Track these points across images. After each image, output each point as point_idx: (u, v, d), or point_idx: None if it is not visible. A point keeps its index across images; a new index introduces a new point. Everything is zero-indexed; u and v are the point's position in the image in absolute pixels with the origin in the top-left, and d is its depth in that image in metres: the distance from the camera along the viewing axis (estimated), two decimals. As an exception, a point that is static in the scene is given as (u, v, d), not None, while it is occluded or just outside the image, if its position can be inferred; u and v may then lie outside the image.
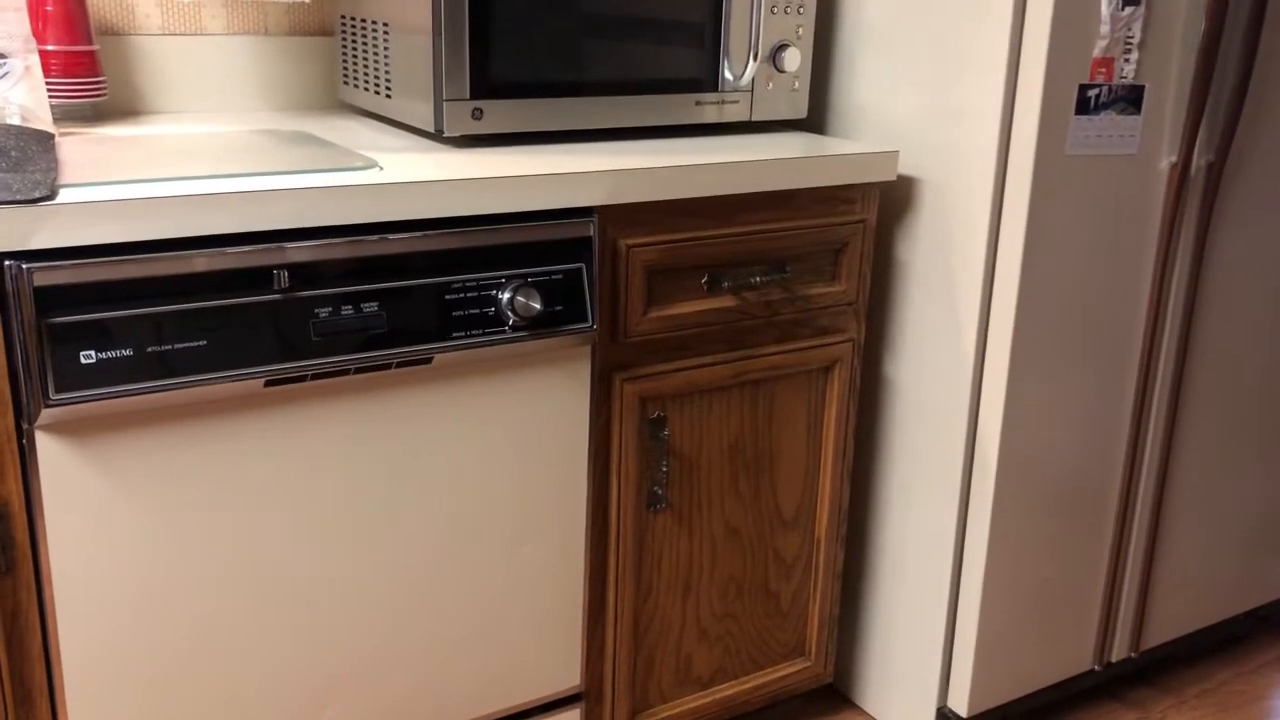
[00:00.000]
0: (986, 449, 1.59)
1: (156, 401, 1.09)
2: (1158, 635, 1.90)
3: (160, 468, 1.13)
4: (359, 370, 1.19)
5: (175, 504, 1.14)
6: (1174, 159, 1.60)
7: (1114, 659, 1.86)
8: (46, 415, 1.04)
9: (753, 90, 1.59)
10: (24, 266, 1.01)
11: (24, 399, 1.04)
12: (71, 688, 1.13)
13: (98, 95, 1.49)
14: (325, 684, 1.28)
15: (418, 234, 1.21)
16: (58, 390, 1.03)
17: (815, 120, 1.74)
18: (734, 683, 1.65)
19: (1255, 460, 1.92)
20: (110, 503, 1.11)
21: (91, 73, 1.48)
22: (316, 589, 1.25)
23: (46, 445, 1.06)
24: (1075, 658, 1.81)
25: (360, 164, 1.23)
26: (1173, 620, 1.91)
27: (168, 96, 1.62)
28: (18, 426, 1.06)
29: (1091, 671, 1.85)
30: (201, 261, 1.09)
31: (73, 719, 1.14)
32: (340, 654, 1.29)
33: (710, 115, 1.56)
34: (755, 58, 1.52)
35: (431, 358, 1.23)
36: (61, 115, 1.47)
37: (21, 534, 1.09)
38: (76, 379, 1.04)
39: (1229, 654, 2.06)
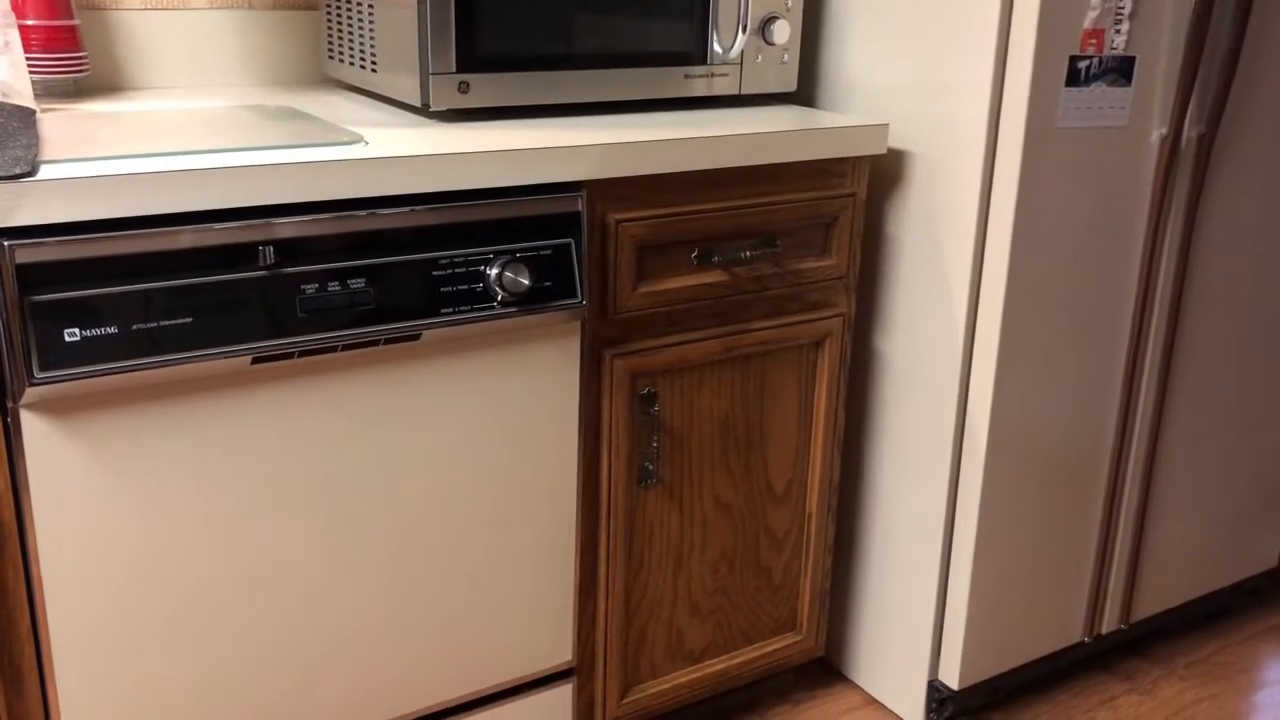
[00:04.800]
0: (977, 423, 1.59)
1: (142, 379, 1.08)
2: (1147, 607, 1.91)
3: (147, 446, 1.12)
4: (347, 347, 1.19)
5: (162, 482, 1.14)
6: (1165, 131, 1.60)
7: (1104, 631, 1.87)
8: (31, 394, 1.03)
9: (741, 63, 1.57)
10: (6, 244, 1.00)
11: (8, 378, 1.03)
12: (60, 667, 1.13)
13: (79, 71, 1.47)
14: (315, 662, 1.28)
15: (404, 209, 1.20)
16: (42, 369, 1.03)
17: (805, 93, 1.73)
18: (725, 657, 1.66)
19: (1244, 433, 1.93)
20: (97, 481, 1.10)
21: (73, 48, 1.46)
22: (305, 566, 1.25)
23: (31, 424, 1.06)
24: (1066, 630, 1.82)
25: (346, 139, 1.22)
26: (1162, 592, 1.92)
27: (150, 72, 1.60)
28: (2, 405, 1.05)
29: (1082, 643, 1.86)
30: (186, 238, 1.08)
31: (62, 698, 1.14)
32: (330, 631, 1.28)
33: (699, 88, 1.55)
34: (744, 30, 1.51)
35: (420, 334, 1.23)
36: (43, 91, 1.46)
37: (8, 513, 1.08)
38: (61, 357, 1.03)
39: (1217, 626, 2.08)
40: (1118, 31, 1.49)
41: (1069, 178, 1.53)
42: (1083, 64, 1.48)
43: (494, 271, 1.26)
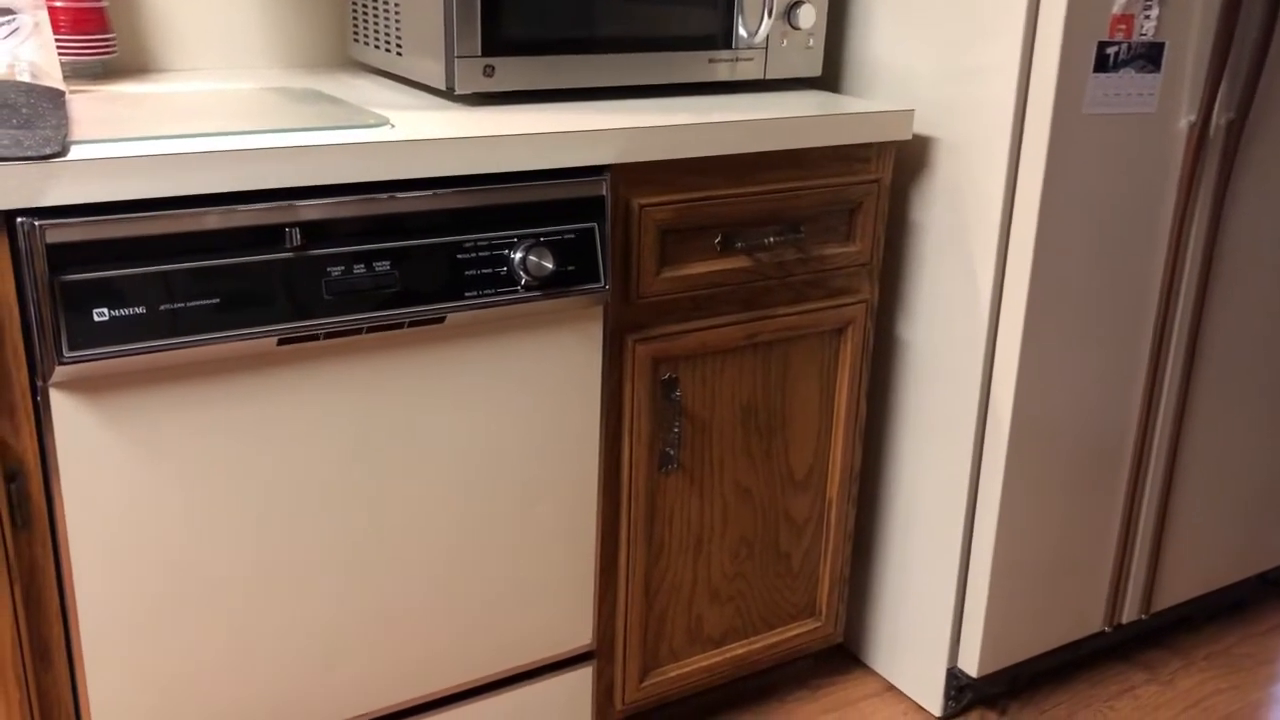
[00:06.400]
0: (1000, 411, 1.59)
1: (169, 360, 1.09)
2: (1168, 598, 1.90)
3: (174, 425, 1.13)
4: (371, 330, 1.19)
5: (189, 462, 1.15)
6: (1193, 118, 1.58)
7: (1124, 621, 1.86)
8: (60, 373, 1.04)
9: (767, 48, 1.57)
10: (36, 224, 1.01)
11: (38, 356, 1.04)
12: (88, 644, 1.14)
13: (107, 52, 1.48)
14: (337, 641, 1.29)
15: (429, 192, 1.20)
16: (71, 348, 1.03)
17: (830, 78, 1.73)
18: (744, 642, 1.66)
19: (1268, 424, 1.92)
20: (125, 460, 1.11)
21: (101, 29, 1.47)
22: (328, 547, 1.26)
23: (61, 403, 1.07)
24: (1086, 619, 1.81)
25: (372, 121, 1.22)
26: (1183, 583, 1.92)
27: (177, 54, 1.61)
28: (32, 384, 1.06)
29: (1102, 633, 1.85)
30: (213, 219, 1.09)
31: (90, 675, 1.15)
32: (351, 612, 1.29)
33: (724, 73, 1.55)
34: (770, 14, 1.51)
35: (444, 317, 1.23)
36: (71, 73, 1.46)
37: (37, 491, 1.09)
38: (90, 337, 1.04)
39: (1238, 617, 2.07)
40: (1147, 17, 1.48)
41: (1096, 165, 1.52)
42: (1111, 50, 1.47)
43: (518, 255, 1.26)
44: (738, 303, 1.49)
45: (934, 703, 1.76)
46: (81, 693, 1.16)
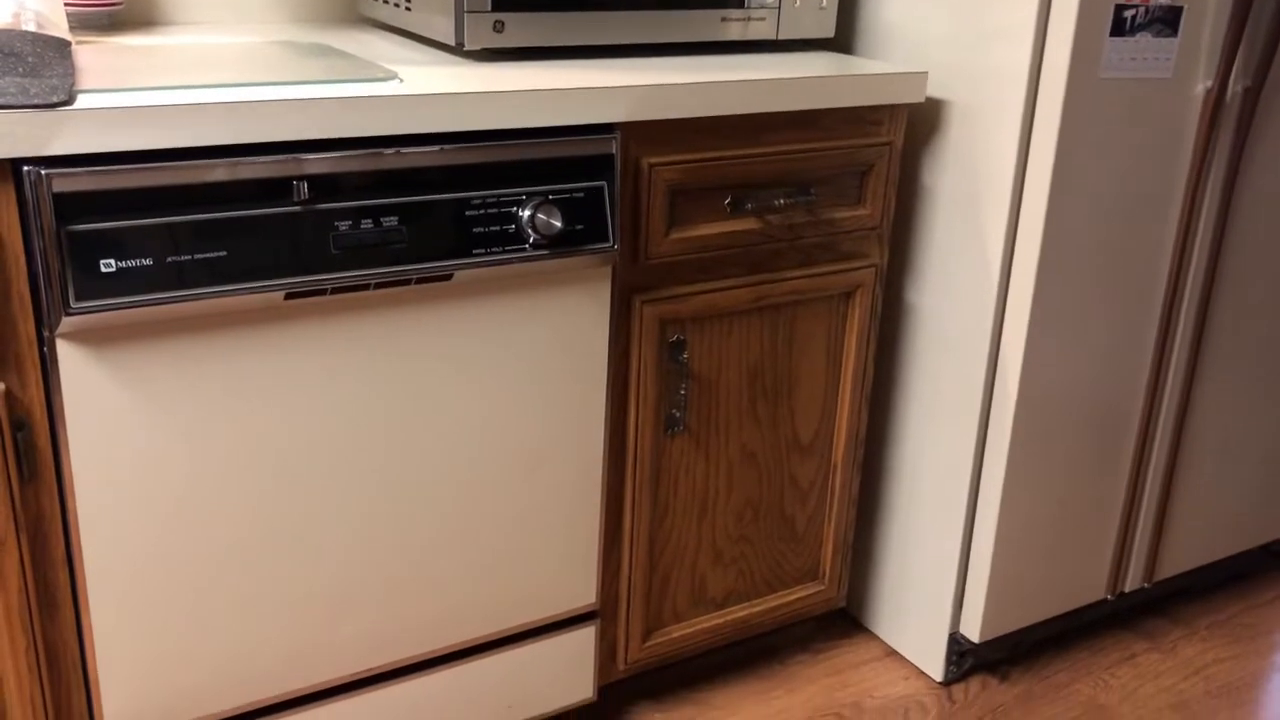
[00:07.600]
0: (1007, 378, 1.58)
1: (177, 312, 1.09)
2: (1171, 567, 1.91)
3: (181, 378, 1.13)
4: (379, 285, 1.19)
5: (195, 414, 1.15)
6: (1210, 84, 1.56)
7: (1127, 589, 1.87)
8: (67, 324, 1.04)
9: (779, 7, 1.55)
10: (43, 172, 1.00)
11: (45, 307, 1.04)
12: (95, 594, 1.15)
13: (114, 4, 1.47)
14: (343, 597, 1.30)
15: (437, 148, 1.19)
16: (78, 298, 1.03)
17: (843, 40, 1.71)
18: (747, 605, 1.67)
19: (1276, 396, 1.91)
20: (131, 412, 1.11)
21: (107, -20, 1.45)
22: (334, 503, 1.26)
23: (67, 353, 1.06)
24: (1089, 587, 1.82)
25: (380, 75, 1.21)
26: (1187, 552, 1.92)
27: (184, 7, 1.59)
28: (39, 334, 1.06)
29: (1104, 601, 1.85)
30: (220, 171, 1.08)
31: (96, 625, 1.16)
32: (357, 567, 1.30)
33: (735, 32, 1.53)
34: (783, -27, 1.49)
35: (451, 274, 1.23)
36: (78, 24, 1.45)
37: (44, 441, 1.09)
38: (97, 288, 1.04)
39: (1241, 587, 2.07)
40: (1166, -19, 1.46)
41: (1110, 130, 1.51)
42: (1128, 13, 1.45)
43: (526, 213, 1.25)
44: (746, 265, 1.49)
45: (935, 668, 1.77)
46: (87, 641, 1.16)
